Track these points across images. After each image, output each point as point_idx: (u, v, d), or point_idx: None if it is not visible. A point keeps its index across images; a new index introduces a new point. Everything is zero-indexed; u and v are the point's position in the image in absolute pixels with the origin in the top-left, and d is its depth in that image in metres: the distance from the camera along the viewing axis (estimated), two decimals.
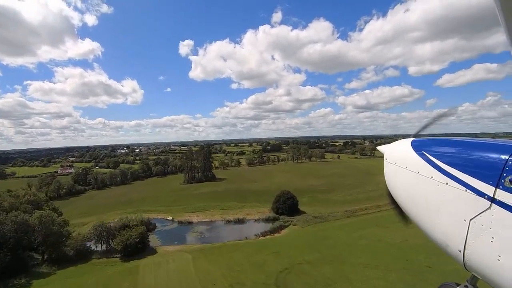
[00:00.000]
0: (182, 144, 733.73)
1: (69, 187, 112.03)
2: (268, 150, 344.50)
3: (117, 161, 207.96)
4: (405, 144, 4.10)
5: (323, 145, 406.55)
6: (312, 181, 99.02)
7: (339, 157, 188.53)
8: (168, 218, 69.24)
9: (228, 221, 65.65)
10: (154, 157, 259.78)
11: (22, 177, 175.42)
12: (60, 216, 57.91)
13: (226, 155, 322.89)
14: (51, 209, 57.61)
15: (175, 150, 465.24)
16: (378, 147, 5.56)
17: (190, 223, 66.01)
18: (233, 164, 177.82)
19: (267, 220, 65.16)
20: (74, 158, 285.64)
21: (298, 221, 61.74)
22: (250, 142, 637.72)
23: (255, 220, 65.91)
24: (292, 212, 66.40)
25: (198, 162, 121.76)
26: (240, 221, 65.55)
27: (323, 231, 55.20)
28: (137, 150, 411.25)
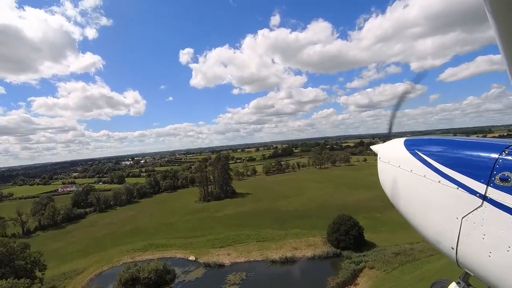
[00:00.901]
0: (187, 152, 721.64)
1: (67, 211, 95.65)
2: (279, 155, 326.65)
3: (122, 175, 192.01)
4: (398, 143, 4.14)
5: (334, 146, 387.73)
6: (359, 194, 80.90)
7: (365, 160, 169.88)
8: (190, 259, 51.93)
9: (273, 261, 48.17)
10: (161, 169, 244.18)
11: (20, 198, 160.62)
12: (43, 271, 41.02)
13: (236, 162, 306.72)
14: (31, 262, 40.69)
15: (181, 159, 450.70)
16: (372, 147, 5.57)
17: (221, 266, 48.60)
18: (248, 173, 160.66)
19: (325, 257, 47.75)
20: (77, 174, 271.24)
21: (375, 260, 43.90)
22: (257, 147, 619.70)
23: (309, 258, 48.36)
24: (358, 245, 48.81)
25: (214, 174, 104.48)
26: (289, 261, 48.02)
27: (421, 279, 37.38)
28: (142, 161, 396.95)
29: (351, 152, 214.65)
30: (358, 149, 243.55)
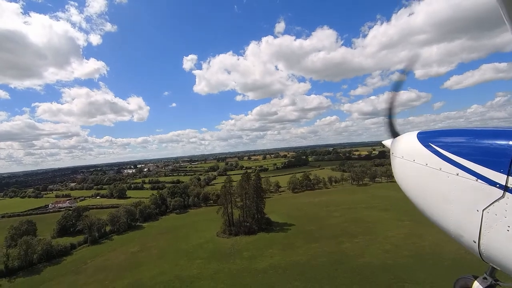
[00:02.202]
0: (191, 159, 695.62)
1: (45, 246, 71.19)
2: (293, 165, 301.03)
3: (123, 188, 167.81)
4: (411, 137, 4.06)
5: (347, 154, 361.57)
6: None
7: None
8: None
9: None
10: (166, 179, 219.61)
11: (3, 216, 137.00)
12: None
13: (247, 173, 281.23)
14: None
15: (186, 167, 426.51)
16: (384, 142, 5.46)
17: None
18: (271, 189, 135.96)
19: None
20: (74, 184, 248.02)
21: None
22: (263, 154, 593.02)
23: None
24: None
25: (244, 197, 79.62)
26: None
27: None
28: (145, 170, 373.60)
29: (374, 163, 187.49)
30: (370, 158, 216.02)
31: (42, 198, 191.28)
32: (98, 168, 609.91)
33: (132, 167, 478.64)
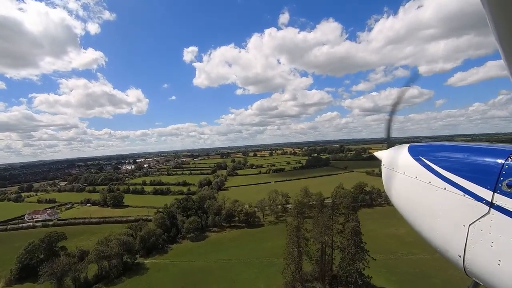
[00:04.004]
0: (190, 153, 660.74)
1: None
2: (312, 165, 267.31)
3: (120, 195, 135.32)
4: (402, 150, 4.14)
5: (363, 152, 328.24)
6: None
7: None
8: None
9: None
10: (170, 179, 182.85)
11: None
12: None
13: (260, 173, 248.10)
14: None
15: (189, 163, 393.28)
16: (375, 153, 5.61)
17: None
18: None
19: None
20: (65, 184, 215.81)
21: None
22: (270, 150, 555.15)
23: None
24: None
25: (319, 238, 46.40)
26: None
27: None
28: (145, 166, 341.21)
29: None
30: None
31: (23, 202, 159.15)
32: (96, 162, 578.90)
33: (131, 162, 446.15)
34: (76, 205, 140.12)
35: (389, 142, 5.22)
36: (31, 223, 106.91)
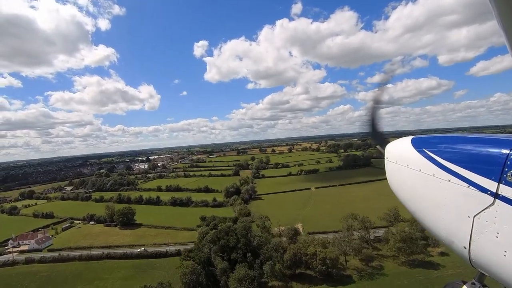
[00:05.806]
0: (203, 149, 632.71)
1: None
2: (351, 165, 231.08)
3: (130, 212, 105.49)
4: (405, 142, 4.09)
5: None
6: None
7: None
8: None
9: None
10: (189, 183, 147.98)
11: None
12: None
13: (291, 173, 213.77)
14: None
15: (205, 160, 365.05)
16: (378, 146, 5.51)
17: None
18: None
19: None
20: (71, 188, 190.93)
21: None
22: (289, 146, 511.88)
23: None
24: None
25: None
26: None
27: None
28: (159, 164, 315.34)
29: None
30: None
31: (18, 215, 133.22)
32: (110, 159, 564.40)
33: (144, 159, 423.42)
34: (77, 222, 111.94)
35: (375, 138, 5.12)
36: (11, 256, 78.54)
